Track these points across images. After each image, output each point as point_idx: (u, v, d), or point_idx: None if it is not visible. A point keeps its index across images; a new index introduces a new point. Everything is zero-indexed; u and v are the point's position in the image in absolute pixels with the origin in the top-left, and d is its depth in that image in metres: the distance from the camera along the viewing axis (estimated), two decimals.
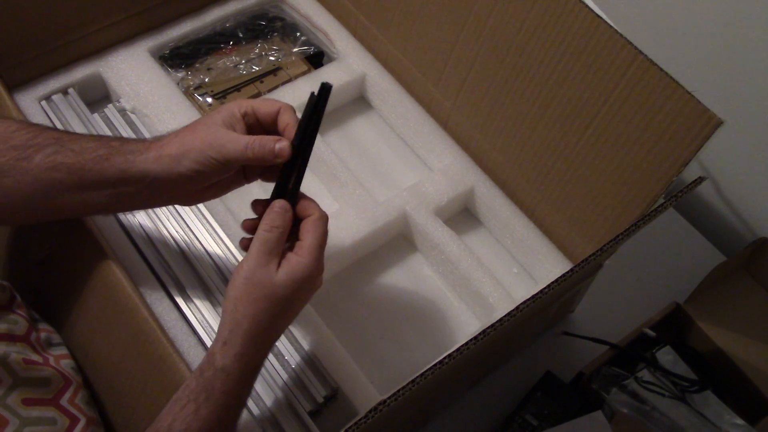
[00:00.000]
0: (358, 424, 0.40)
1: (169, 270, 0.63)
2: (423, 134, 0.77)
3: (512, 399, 0.68)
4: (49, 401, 0.51)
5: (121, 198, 0.51)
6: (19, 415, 0.48)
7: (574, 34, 0.59)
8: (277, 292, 0.48)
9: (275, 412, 0.57)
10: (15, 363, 0.50)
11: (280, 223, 0.49)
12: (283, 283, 0.48)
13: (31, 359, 0.51)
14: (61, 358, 0.55)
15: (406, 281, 0.71)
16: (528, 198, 0.71)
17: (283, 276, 0.48)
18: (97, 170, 0.50)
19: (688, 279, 0.76)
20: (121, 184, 0.50)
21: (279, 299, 0.48)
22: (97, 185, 0.50)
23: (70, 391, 0.53)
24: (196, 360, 0.58)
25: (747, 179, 0.83)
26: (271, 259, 0.48)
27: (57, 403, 0.51)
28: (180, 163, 0.49)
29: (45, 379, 0.52)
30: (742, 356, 0.70)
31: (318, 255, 0.50)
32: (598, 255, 0.50)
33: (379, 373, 0.64)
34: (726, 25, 0.76)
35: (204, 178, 0.50)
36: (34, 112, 0.72)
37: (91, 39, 0.76)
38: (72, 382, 0.54)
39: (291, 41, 0.84)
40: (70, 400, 0.53)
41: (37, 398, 0.50)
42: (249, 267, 0.48)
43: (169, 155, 0.49)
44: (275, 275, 0.48)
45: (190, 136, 0.50)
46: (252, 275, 0.48)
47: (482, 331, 0.45)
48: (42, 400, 0.51)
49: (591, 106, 0.60)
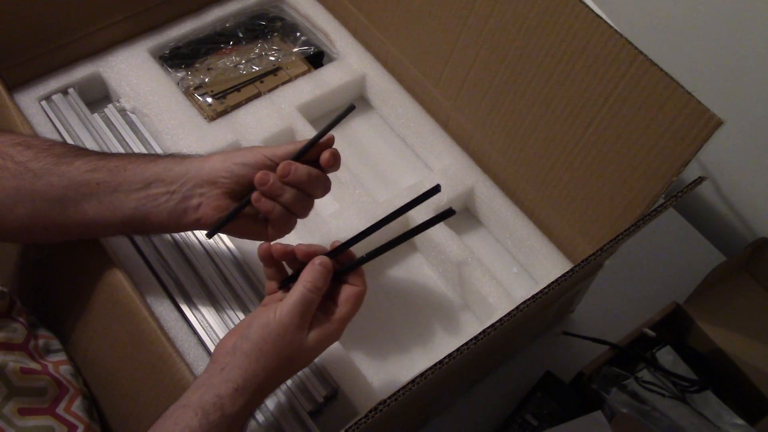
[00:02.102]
0: (358, 424, 0.40)
1: (170, 270, 0.63)
2: (423, 134, 0.77)
3: (512, 399, 0.68)
4: (45, 410, 0.51)
5: (151, 202, 0.52)
6: (15, 425, 0.48)
7: (574, 34, 0.59)
8: (303, 355, 0.48)
9: (275, 412, 0.57)
10: (11, 372, 0.49)
11: (323, 285, 0.50)
12: (312, 348, 0.48)
13: (29, 367, 0.51)
14: (60, 364, 0.55)
15: (406, 281, 0.71)
16: (528, 198, 0.71)
17: (312, 342, 0.48)
18: (137, 171, 0.52)
19: (688, 279, 0.76)
20: (155, 184, 0.52)
21: (302, 361, 0.49)
22: (132, 185, 0.52)
23: (67, 398, 0.53)
24: (195, 360, 0.58)
25: (747, 179, 0.83)
26: (306, 321, 0.48)
27: (53, 411, 0.51)
28: (222, 164, 0.53)
29: (41, 388, 0.51)
30: (742, 356, 0.70)
31: (346, 326, 0.51)
32: (598, 255, 0.50)
33: (379, 373, 0.64)
34: (726, 25, 0.76)
35: (236, 181, 0.52)
36: (34, 112, 0.72)
37: (91, 39, 0.76)
38: (69, 390, 0.53)
39: (291, 41, 0.84)
40: (67, 408, 0.52)
41: (33, 407, 0.50)
42: (283, 323, 0.48)
43: (209, 160, 0.53)
44: (306, 339, 0.48)
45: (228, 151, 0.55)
46: (285, 332, 0.47)
47: (482, 331, 0.45)
48: (38, 410, 0.50)
49: (591, 106, 0.60)
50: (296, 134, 0.76)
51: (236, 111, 0.76)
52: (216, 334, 0.60)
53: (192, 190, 0.52)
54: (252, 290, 0.63)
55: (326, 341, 0.50)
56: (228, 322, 0.61)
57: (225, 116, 0.75)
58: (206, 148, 0.72)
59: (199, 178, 0.52)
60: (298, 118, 0.76)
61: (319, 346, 0.49)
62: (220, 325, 0.60)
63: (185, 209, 0.53)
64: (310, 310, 0.49)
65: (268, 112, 0.76)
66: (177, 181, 0.52)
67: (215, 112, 0.76)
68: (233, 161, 0.53)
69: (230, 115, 0.75)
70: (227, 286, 0.63)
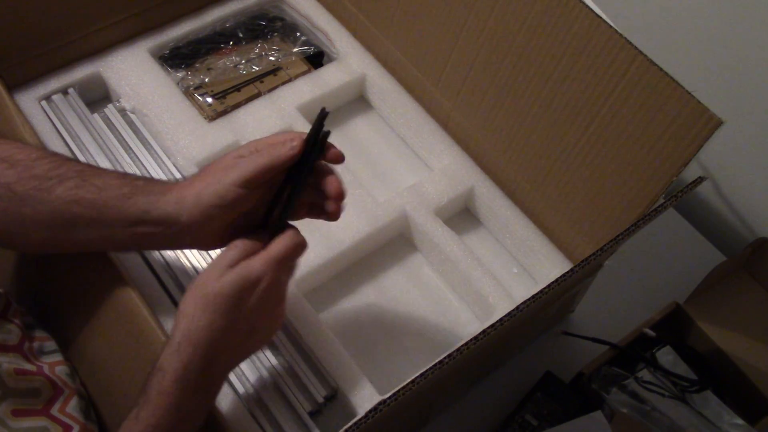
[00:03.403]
0: (358, 424, 0.40)
1: (170, 271, 0.63)
2: (423, 134, 0.77)
3: (512, 399, 0.68)
4: (39, 411, 0.50)
5: (141, 238, 0.50)
6: (9, 426, 0.48)
7: (574, 34, 0.59)
8: (218, 290, 0.45)
9: (275, 412, 0.57)
10: (5, 374, 0.49)
11: (243, 246, 0.48)
12: (228, 282, 0.46)
13: (24, 369, 0.51)
14: (56, 365, 0.54)
15: (406, 281, 0.71)
16: (528, 198, 0.71)
17: (228, 277, 0.46)
18: (119, 208, 0.49)
19: (688, 279, 0.76)
20: (141, 225, 0.50)
21: (222, 301, 0.45)
22: (117, 223, 0.50)
23: (62, 399, 0.52)
24: None
25: (747, 179, 0.83)
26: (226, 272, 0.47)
27: (48, 412, 0.51)
28: (201, 201, 0.49)
29: (35, 389, 0.51)
30: (742, 356, 0.70)
31: (274, 267, 0.47)
32: (598, 255, 0.50)
33: (379, 373, 0.64)
34: (726, 25, 0.76)
35: (225, 211, 0.49)
36: (34, 112, 0.72)
37: (91, 39, 0.76)
38: (64, 390, 0.53)
39: (291, 41, 0.84)
40: (62, 408, 0.52)
41: (27, 409, 0.50)
42: (201, 275, 0.47)
43: (190, 194, 0.49)
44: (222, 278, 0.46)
45: (208, 171, 0.50)
46: (200, 280, 0.47)
47: (482, 331, 0.45)
48: (32, 411, 0.50)
49: (591, 106, 0.60)
50: None
51: (236, 111, 0.76)
52: None
53: (182, 230, 0.50)
54: None
55: (246, 276, 0.46)
56: None
57: (225, 116, 0.75)
58: (206, 147, 0.72)
59: (186, 216, 0.49)
60: (298, 118, 0.76)
61: (237, 282, 0.46)
62: None
63: (181, 243, 0.52)
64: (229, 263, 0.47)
65: (268, 112, 0.76)
66: (163, 222, 0.49)
67: (215, 112, 0.76)
68: (224, 184, 0.48)
69: (230, 115, 0.75)
70: None
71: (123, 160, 0.70)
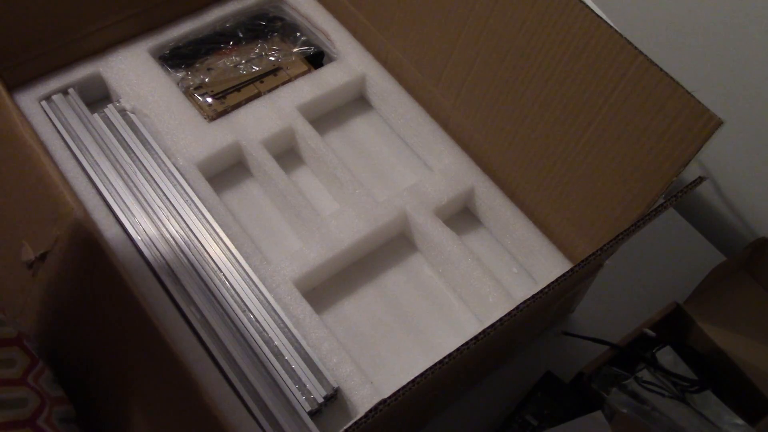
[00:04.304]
0: (358, 424, 0.40)
1: (170, 271, 0.63)
2: (423, 134, 0.77)
3: (512, 399, 0.68)
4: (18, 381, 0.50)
5: None
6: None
7: (574, 34, 0.59)
8: None
9: (275, 412, 0.57)
10: None
11: None
12: None
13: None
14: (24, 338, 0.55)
15: (406, 281, 0.71)
16: (528, 198, 0.71)
17: None
18: None
19: (688, 279, 0.76)
20: None
21: None
22: None
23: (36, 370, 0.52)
24: (195, 360, 0.58)
25: (747, 179, 0.83)
26: None
27: (25, 381, 0.51)
28: None
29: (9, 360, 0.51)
30: (742, 356, 0.70)
31: None
32: (598, 255, 0.50)
33: (379, 373, 0.64)
34: (726, 25, 0.76)
35: None
36: (34, 112, 0.72)
37: (91, 39, 0.76)
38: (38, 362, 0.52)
39: (291, 41, 0.84)
40: (35, 378, 0.52)
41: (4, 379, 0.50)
42: None
43: None
44: None
45: None
46: None
47: (482, 331, 0.45)
48: (11, 381, 0.50)
49: (591, 106, 0.60)
50: (296, 134, 0.76)
51: (236, 111, 0.76)
52: (216, 334, 0.60)
53: None
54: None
55: None
56: (226, 319, 0.61)
57: (225, 116, 0.75)
58: (206, 147, 0.72)
59: None
60: (298, 118, 0.76)
61: None
62: (220, 325, 0.60)
63: None
64: None
65: (268, 112, 0.76)
66: None
67: (215, 112, 0.76)
68: None
69: (230, 115, 0.75)
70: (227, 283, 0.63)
71: (123, 160, 0.70)
